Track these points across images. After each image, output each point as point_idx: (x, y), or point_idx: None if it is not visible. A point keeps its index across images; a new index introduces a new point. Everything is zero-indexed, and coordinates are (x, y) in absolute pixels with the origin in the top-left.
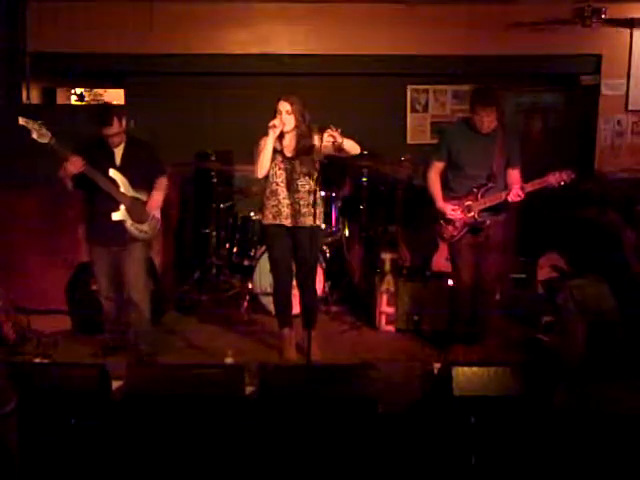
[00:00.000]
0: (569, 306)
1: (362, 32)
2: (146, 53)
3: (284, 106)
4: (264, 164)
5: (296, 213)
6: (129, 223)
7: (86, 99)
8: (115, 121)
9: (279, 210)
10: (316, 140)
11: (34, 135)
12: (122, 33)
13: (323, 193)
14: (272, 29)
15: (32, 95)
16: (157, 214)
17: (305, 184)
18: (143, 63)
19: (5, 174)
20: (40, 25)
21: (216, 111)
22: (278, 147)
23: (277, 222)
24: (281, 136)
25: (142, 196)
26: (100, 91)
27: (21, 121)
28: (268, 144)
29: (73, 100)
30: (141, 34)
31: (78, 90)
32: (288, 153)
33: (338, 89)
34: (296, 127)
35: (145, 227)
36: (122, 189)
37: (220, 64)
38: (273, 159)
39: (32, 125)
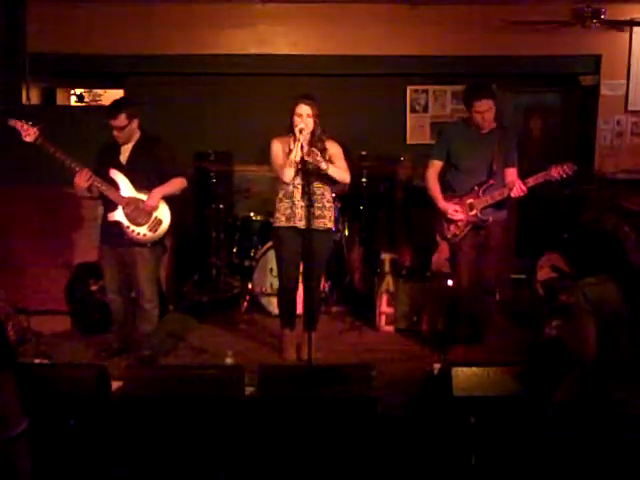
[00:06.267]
0: (581, 305)
1: (362, 32)
2: (146, 53)
3: (305, 109)
4: (292, 168)
5: (310, 215)
6: (125, 225)
7: (85, 100)
8: (121, 115)
9: (293, 212)
10: (327, 145)
11: (22, 135)
12: (122, 33)
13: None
14: (272, 29)
15: (32, 95)
16: (162, 216)
17: (319, 187)
18: (143, 63)
19: (5, 174)
20: (40, 26)
21: (216, 111)
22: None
23: (290, 224)
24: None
25: (145, 197)
26: (100, 92)
27: (10, 122)
28: (297, 149)
29: (73, 101)
30: (141, 34)
31: (78, 91)
32: (305, 156)
33: (338, 89)
34: (313, 130)
35: (144, 229)
36: (122, 190)
37: (220, 64)
38: (290, 162)
39: (19, 125)
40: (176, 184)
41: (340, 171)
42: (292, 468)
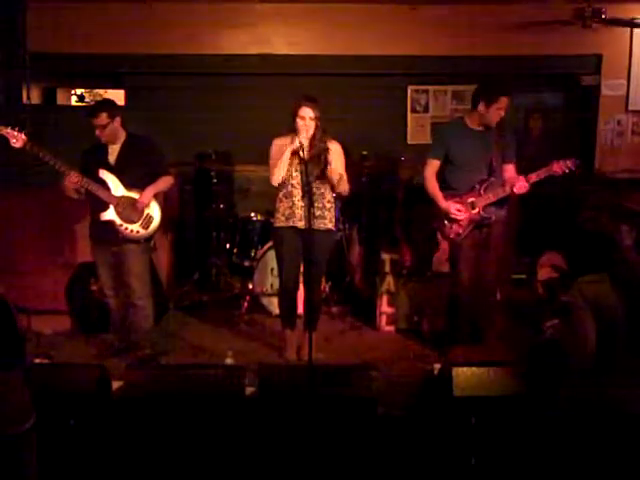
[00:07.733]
0: (578, 303)
1: (362, 32)
2: (146, 53)
3: (308, 112)
4: (284, 169)
5: (310, 215)
6: (118, 223)
7: (86, 100)
8: (103, 114)
9: (293, 212)
10: (328, 144)
11: (10, 142)
12: (122, 33)
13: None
14: (272, 29)
15: (32, 95)
16: (153, 212)
17: (319, 187)
18: (143, 63)
19: (5, 174)
20: (40, 26)
21: (216, 111)
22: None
23: (290, 224)
24: None
25: (136, 195)
26: (100, 91)
27: None
28: (295, 147)
29: (73, 101)
30: (141, 34)
31: (78, 91)
32: (304, 156)
33: (338, 89)
34: (314, 133)
35: (136, 227)
36: (112, 190)
37: (220, 64)
38: (290, 162)
39: (6, 131)
40: (165, 182)
41: (340, 180)
42: (292, 468)
